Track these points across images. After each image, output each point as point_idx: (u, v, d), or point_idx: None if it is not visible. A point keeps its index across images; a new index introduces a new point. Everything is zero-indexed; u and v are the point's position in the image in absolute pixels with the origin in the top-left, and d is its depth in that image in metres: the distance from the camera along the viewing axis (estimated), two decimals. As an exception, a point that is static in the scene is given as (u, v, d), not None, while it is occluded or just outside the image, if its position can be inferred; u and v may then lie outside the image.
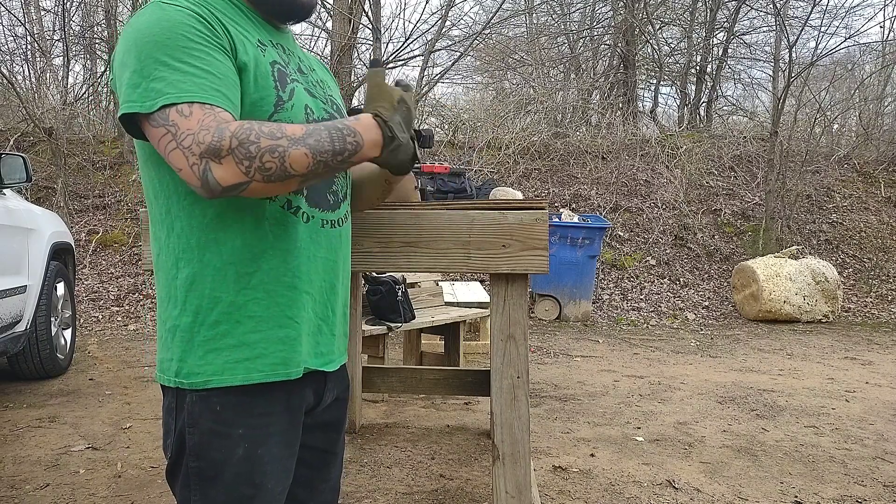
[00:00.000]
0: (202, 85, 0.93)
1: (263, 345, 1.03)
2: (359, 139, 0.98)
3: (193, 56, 0.94)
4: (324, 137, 0.94)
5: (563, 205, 7.96)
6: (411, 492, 2.52)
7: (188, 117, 0.91)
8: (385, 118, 1.03)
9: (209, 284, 1.02)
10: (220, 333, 1.02)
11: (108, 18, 9.31)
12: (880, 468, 2.90)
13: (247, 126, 0.91)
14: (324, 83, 1.20)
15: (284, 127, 0.93)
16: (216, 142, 0.89)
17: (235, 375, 1.02)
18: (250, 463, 1.04)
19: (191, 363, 1.03)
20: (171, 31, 0.94)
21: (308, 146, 0.92)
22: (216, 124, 0.90)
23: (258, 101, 1.01)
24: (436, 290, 4.33)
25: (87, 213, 7.29)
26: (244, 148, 0.89)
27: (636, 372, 4.63)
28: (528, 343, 1.66)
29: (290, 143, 0.91)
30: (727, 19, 11.52)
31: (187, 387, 1.03)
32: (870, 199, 8.68)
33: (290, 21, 1.17)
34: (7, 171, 3.65)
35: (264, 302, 1.03)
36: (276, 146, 0.90)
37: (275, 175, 0.91)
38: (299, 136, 0.93)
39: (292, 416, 1.09)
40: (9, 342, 3.52)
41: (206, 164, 0.89)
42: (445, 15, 10.06)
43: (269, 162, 0.90)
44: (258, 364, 1.03)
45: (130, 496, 2.47)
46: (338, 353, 1.18)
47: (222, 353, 1.02)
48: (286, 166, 0.91)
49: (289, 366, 1.05)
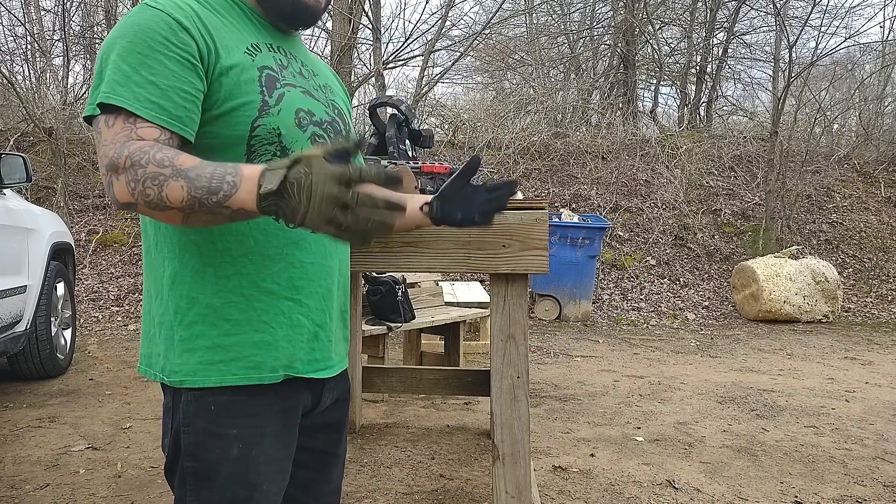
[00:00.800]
0: (138, 95, 0.93)
1: (238, 348, 1.03)
2: (236, 180, 0.85)
3: (145, 64, 0.94)
4: (205, 174, 0.86)
5: (563, 205, 7.96)
6: (411, 492, 2.52)
7: (110, 128, 0.93)
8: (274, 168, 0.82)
9: (187, 285, 1.03)
10: (195, 334, 1.03)
11: (108, 18, 9.32)
12: (880, 468, 2.90)
13: (146, 149, 0.89)
14: (327, 87, 1.20)
15: (179, 158, 0.88)
16: (115, 158, 0.90)
17: (208, 377, 1.02)
18: (244, 463, 1.04)
19: (171, 360, 1.04)
20: (137, 35, 0.95)
21: (187, 179, 0.86)
22: (124, 140, 0.91)
23: (240, 106, 1.00)
24: (436, 290, 4.33)
25: (87, 213, 7.29)
26: (133, 170, 0.88)
27: (636, 372, 4.63)
28: (528, 343, 1.66)
29: (173, 174, 0.87)
30: (727, 19, 11.52)
31: (169, 384, 1.04)
32: (870, 199, 8.68)
33: (294, 27, 1.16)
34: (7, 171, 3.65)
35: (241, 305, 1.03)
36: (159, 174, 0.87)
37: (153, 203, 0.88)
38: (186, 167, 0.87)
39: (287, 417, 1.09)
40: (9, 342, 3.52)
41: (110, 177, 0.91)
42: (445, 15, 10.07)
43: (150, 188, 0.88)
44: (232, 367, 1.03)
45: (130, 496, 2.47)
46: (336, 358, 1.17)
47: (196, 354, 1.03)
48: (163, 196, 0.87)
49: (262, 370, 1.04)
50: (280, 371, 1.06)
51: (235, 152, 1.02)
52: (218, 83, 0.99)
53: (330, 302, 1.14)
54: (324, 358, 1.13)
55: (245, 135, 1.02)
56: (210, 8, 1.05)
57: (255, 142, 1.02)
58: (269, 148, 1.04)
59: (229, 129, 1.01)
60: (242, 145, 1.02)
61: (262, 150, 1.03)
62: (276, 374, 1.06)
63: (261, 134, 1.02)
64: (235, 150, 1.02)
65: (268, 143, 1.03)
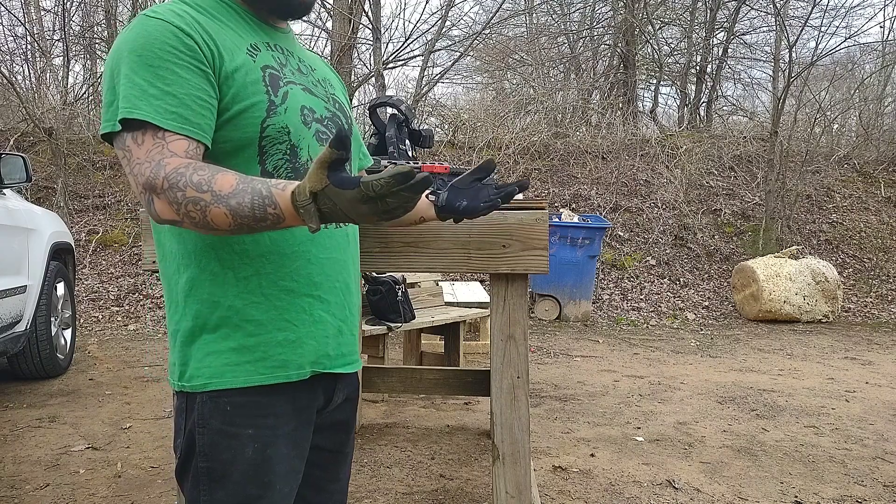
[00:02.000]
0: (158, 107, 0.94)
1: (264, 348, 1.04)
2: (279, 212, 0.88)
3: (158, 76, 0.95)
4: (245, 202, 0.88)
5: (563, 205, 7.96)
6: (411, 492, 2.52)
7: (140, 146, 0.94)
8: (304, 199, 0.84)
9: (207, 289, 1.03)
10: (220, 336, 1.03)
11: (108, 18, 9.32)
12: (880, 468, 2.90)
13: (181, 170, 0.91)
14: (326, 81, 1.20)
15: (215, 180, 0.89)
16: (152, 179, 0.91)
17: (237, 378, 1.03)
18: (259, 463, 1.04)
19: (192, 366, 1.04)
20: (144, 48, 0.96)
21: (230, 207, 0.88)
22: (159, 158, 0.93)
23: (249, 107, 1.01)
24: (436, 290, 4.33)
25: (87, 213, 7.29)
26: (172, 192, 0.90)
27: (636, 372, 4.63)
28: (528, 343, 1.66)
29: (213, 200, 0.89)
30: (727, 19, 11.52)
31: (189, 390, 1.04)
32: (870, 199, 8.68)
33: (287, 18, 1.15)
34: (7, 171, 3.65)
35: (263, 306, 1.03)
36: (200, 199, 0.89)
37: (200, 224, 0.91)
38: (224, 193, 0.89)
39: (302, 416, 1.09)
40: (9, 342, 3.52)
41: (149, 196, 0.93)
42: (445, 15, 10.07)
43: (193, 212, 0.90)
44: (259, 367, 1.04)
45: (130, 496, 2.47)
46: (357, 353, 1.18)
47: (222, 356, 1.03)
48: (208, 220, 0.90)
49: (289, 368, 1.05)
50: (307, 368, 1.07)
51: (247, 154, 1.03)
52: (225, 87, 1.00)
53: (349, 297, 1.15)
54: (350, 352, 1.15)
55: (255, 136, 1.02)
56: (206, 13, 1.05)
57: (266, 142, 1.03)
58: (280, 147, 1.04)
59: (240, 131, 1.01)
60: (254, 146, 1.02)
61: (272, 149, 1.03)
62: (303, 371, 1.07)
63: (271, 134, 1.02)
64: (247, 152, 1.03)
65: (278, 142, 1.04)
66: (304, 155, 1.07)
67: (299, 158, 1.06)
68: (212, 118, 0.98)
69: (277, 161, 1.04)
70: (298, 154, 1.06)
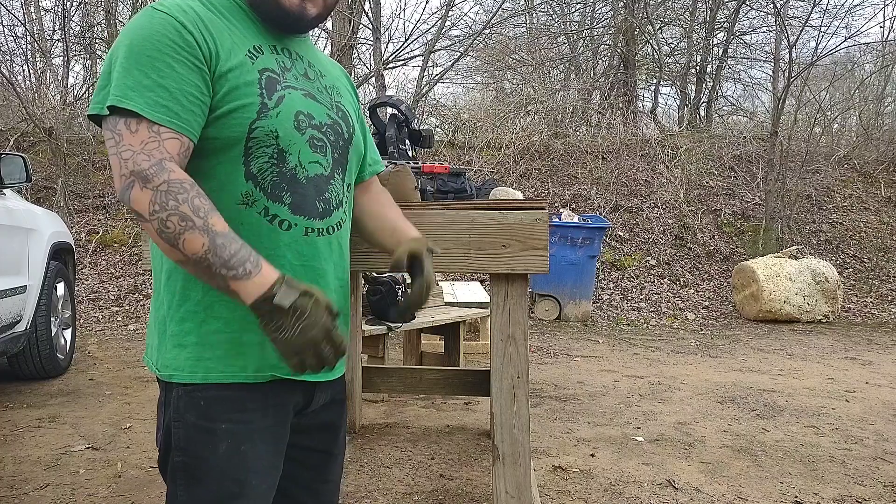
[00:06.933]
0: (149, 99, 0.96)
1: (226, 346, 1.05)
2: (253, 272, 0.94)
3: (154, 67, 0.97)
4: (229, 249, 0.93)
5: (563, 205, 7.96)
6: (411, 492, 2.52)
7: (134, 133, 0.95)
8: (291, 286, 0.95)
9: (181, 281, 1.05)
10: (185, 330, 1.05)
11: (108, 18, 9.32)
12: (880, 468, 2.90)
13: (186, 186, 0.94)
14: (333, 89, 1.19)
15: (213, 216, 0.94)
16: (151, 174, 0.93)
17: (195, 373, 1.04)
18: (234, 459, 1.05)
19: (162, 354, 1.07)
20: (145, 39, 0.98)
21: (213, 243, 0.92)
22: (160, 157, 0.94)
23: (239, 108, 1.02)
24: (436, 290, 4.33)
25: (87, 213, 7.28)
26: (165, 197, 0.92)
27: (636, 372, 4.63)
28: (528, 343, 1.66)
29: (202, 228, 0.92)
30: (727, 19, 11.51)
31: (160, 377, 1.07)
32: (870, 199, 8.68)
33: (287, 33, 1.15)
34: (7, 171, 3.65)
35: (230, 304, 1.03)
36: (189, 218, 0.92)
37: (166, 235, 0.93)
38: (216, 230, 0.93)
39: (278, 414, 1.10)
40: (9, 342, 3.52)
41: (131, 181, 0.94)
42: (445, 15, 10.07)
43: (173, 223, 0.92)
44: (219, 365, 1.04)
45: (130, 496, 2.47)
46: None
47: (185, 350, 1.05)
48: (181, 238, 0.92)
49: (248, 370, 1.06)
50: (267, 371, 1.07)
51: (233, 153, 1.03)
52: (218, 85, 1.01)
53: None
54: None
55: (242, 136, 1.02)
56: (215, 11, 1.06)
57: (252, 143, 1.03)
58: (266, 150, 1.04)
59: (227, 130, 1.02)
60: (240, 146, 1.03)
61: (258, 151, 1.04)
62: (262, 374, 1.07)
63: (258, 136, 1.03)
64: (233, 151, 1.03)
65: (265, 145, 1.04)
66: (293, 160, 1.07)
67: (287, 163, 1.06)
68: (202, 115, 1.00)
69: (263, 164, 1.04)
70: (287, 159, 1.06)
